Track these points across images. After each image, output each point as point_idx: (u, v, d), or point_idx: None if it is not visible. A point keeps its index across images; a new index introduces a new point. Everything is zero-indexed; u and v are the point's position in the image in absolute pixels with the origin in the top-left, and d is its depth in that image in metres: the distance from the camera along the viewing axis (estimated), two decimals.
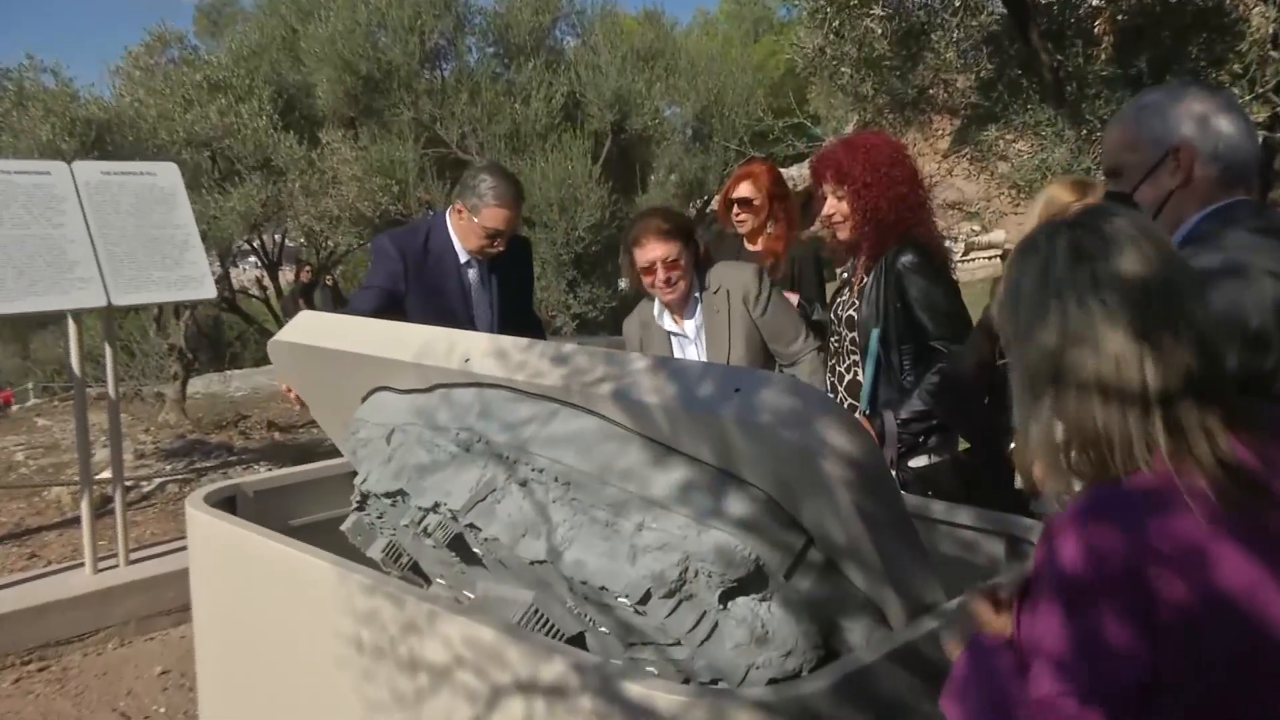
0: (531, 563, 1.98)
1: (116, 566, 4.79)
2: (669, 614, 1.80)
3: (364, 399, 2.58)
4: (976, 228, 9.91)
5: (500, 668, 1.82)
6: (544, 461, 2.02)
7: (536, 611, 2.06)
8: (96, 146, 8.24)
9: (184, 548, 3.19)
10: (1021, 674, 1.23)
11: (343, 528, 2.54)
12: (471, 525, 2.09)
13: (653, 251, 3.30)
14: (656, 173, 11.94)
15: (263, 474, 3.08)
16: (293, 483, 2.99)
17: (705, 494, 1.84)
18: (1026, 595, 1.29)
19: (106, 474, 5.49)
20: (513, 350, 2.15)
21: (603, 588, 1.85)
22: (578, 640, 2.05)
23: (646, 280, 3.35)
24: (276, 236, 18.58)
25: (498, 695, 1.82)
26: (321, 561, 2.25)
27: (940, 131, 8.17)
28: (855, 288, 3.16)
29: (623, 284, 13.25)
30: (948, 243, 3.39)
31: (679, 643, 1.82)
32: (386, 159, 10.19)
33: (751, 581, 1.78)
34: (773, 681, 1.73)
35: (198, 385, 10.54)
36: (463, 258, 3.72)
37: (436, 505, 2.18)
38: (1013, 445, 2.61)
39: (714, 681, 1.80)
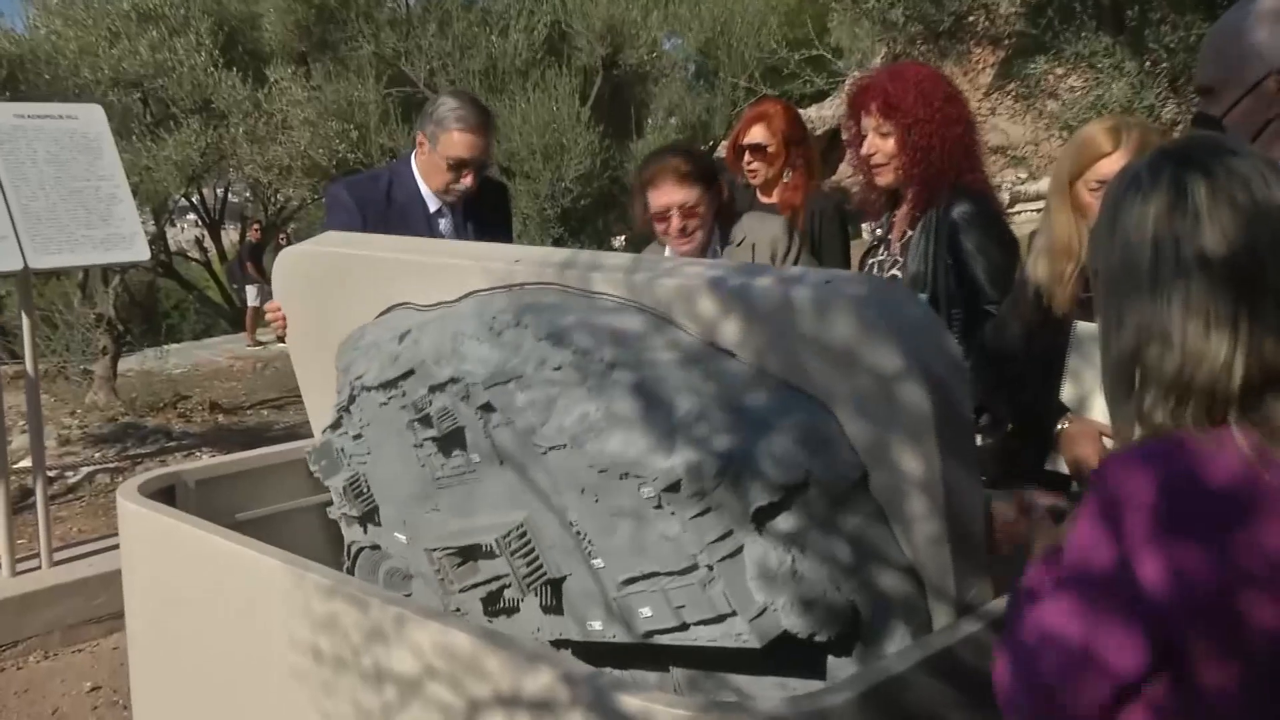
0: (548, 450, 2.00)
1: (38, 568, 4.80)
2: (694, 515, 1.81)
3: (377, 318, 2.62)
4: (1022, 175, 9.89)
5: (478, 679, 1.83)
6: (589, 343, 2.03)
7: (523, 535, 2.07)
8: (8, 86, 8.20)
9: (116, 546, 3.19)
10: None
11: (307, 449, 2.57)
12: (487, 406, 2.12)
13: (668, 196, 3.30)
14: (654, 115, 11.92)
15: (205, 461, 3.08)
16: (240, 470, 2.99)
17: (768, 400, 1.87)
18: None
19: (26, 463, 5.49)
20: (569, 257, 2.23)
21: (626, 474, 1.87)
22: (557, 589, 2.07)
23: (659, 227, 3.36)
24: (218, 190, 18.58)
25: (475, 710, 1.83)
26: (273, 560, 2.25)
27: (981, 65, 8.15)
28: (896, 243, 3.14)
29: (616, 243, 13.23)
30: (996, 193, 3.37)
31: (693, 567, 1.83)
32: (344, 100, 10.14)
33: (793, 504, 1.80)
34: (786, 636, 1.75)
35: (130, 361, 10.53)
36: (432, 206, 3.70)
37: (452, 380, 2.20)
38: (1060, 426, 2.61)
39: (719, 619, 1.82)
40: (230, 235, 21.27)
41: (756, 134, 4.18)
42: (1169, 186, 1.27)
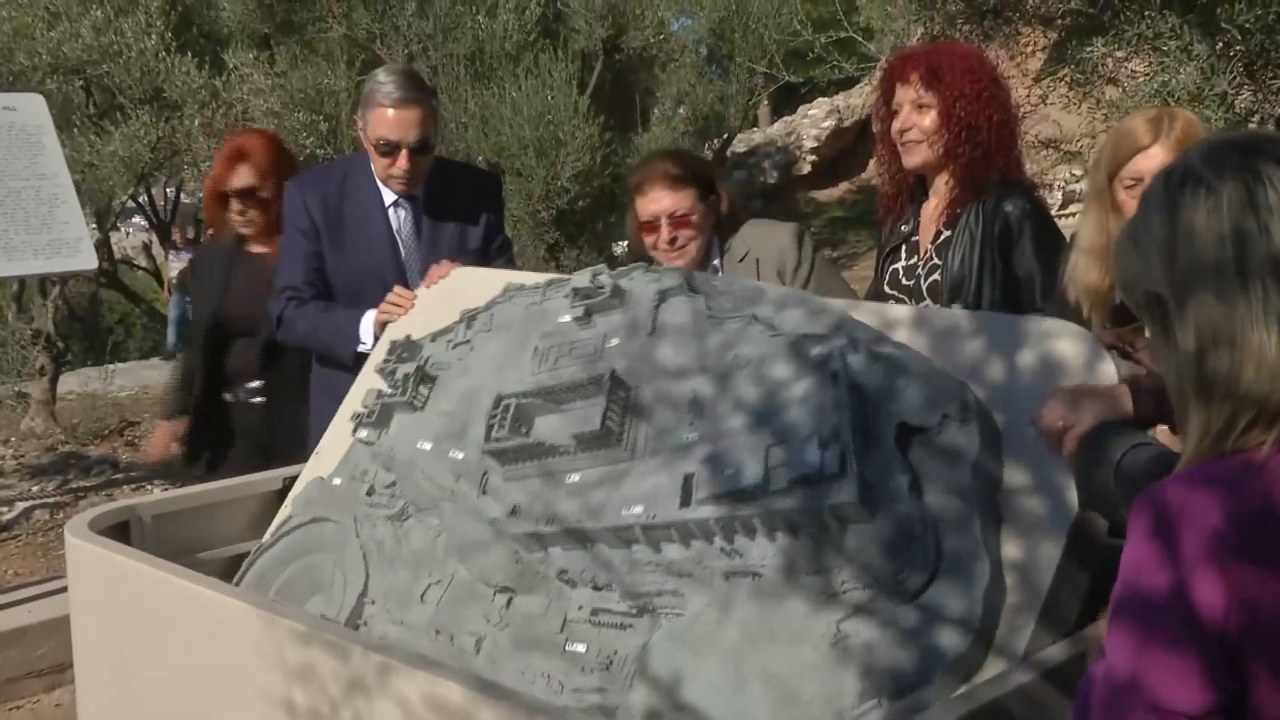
0: (728, 318, 2.36)
1: None
2: (852, 385, 2.10)
3: None
4: (1076, 171, 9.92)
5: None
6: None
7: (627, 393, 2.33)
8: None
9: (60, 589, 3.21)
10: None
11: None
12: (681, 288, 2.49)
13: (657, 202, 3.34)
14: (661, 104, 11.94)
15: (163, 494, 3.11)
16: (202, 504, 3.01)
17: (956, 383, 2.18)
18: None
19: None
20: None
21: (807, 336, 2.18)
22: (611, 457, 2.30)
23: (648, 240, 3.39)
24: (169, 190, 18.63)
25: None
26: (242, 603, 2.28)
27: (1030, 48, 8.17)
28: (929, 245, 3.15)
29: (618, 248, 13.25)
30: (1040, 191, 3.41)
31: (813, 434, 2.07)
32: (312, 88, 10.18)
33: (938, 436, 2.10)
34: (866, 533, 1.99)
35: (71, 383, 10.57)
36: (389, 198, 3.74)
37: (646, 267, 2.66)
38: None
39: (822, 478, 2.02)
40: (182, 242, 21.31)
41: (243, 176, 4.07)
42: (1239, 176, 1.30)
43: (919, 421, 2.10)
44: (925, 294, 3.12)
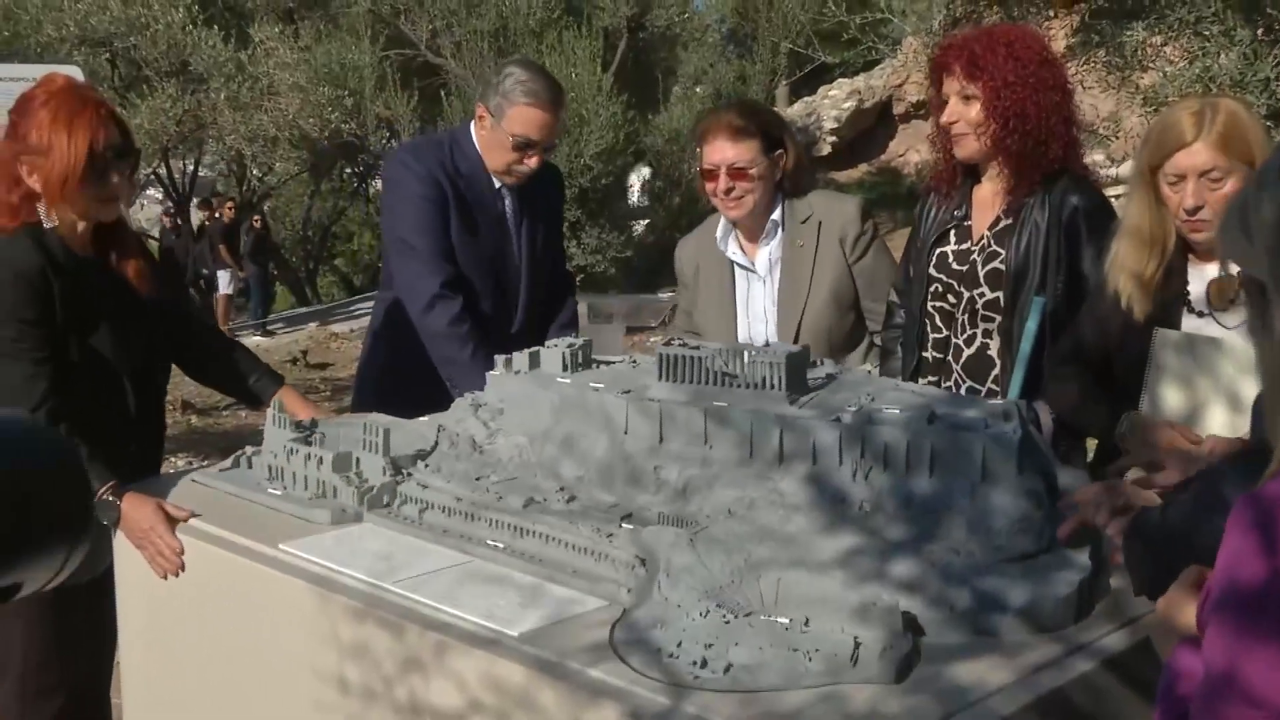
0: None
1: None
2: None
3: None
4: (1099, 157, 9.85)
5: (531, 714, 1.85)
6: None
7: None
8: None
9: None
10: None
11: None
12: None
13: (719, 152, 3.40)
14: (681, 82, 11.94)
15: (211, 468, 3.09)
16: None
17: None
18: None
19: None
20: None
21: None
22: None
23: (707, 186, 3.47)
24: (186, 164, 18.63)
25: None
26: (295, 579, 2.28)
27: (1061, 30, 8.12)
28: (985, 231, 3.13)
29: (638, 227, 13.21)
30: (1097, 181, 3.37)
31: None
32: (336, 63, 10.18)
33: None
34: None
35: None
36: (497, 182, 3.71)
37: None
38: (1123, 426, 2.65)
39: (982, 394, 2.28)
40: (194, 214, 21.32)
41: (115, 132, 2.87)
42: None
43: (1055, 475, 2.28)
44: (982, 281, 3.10)
